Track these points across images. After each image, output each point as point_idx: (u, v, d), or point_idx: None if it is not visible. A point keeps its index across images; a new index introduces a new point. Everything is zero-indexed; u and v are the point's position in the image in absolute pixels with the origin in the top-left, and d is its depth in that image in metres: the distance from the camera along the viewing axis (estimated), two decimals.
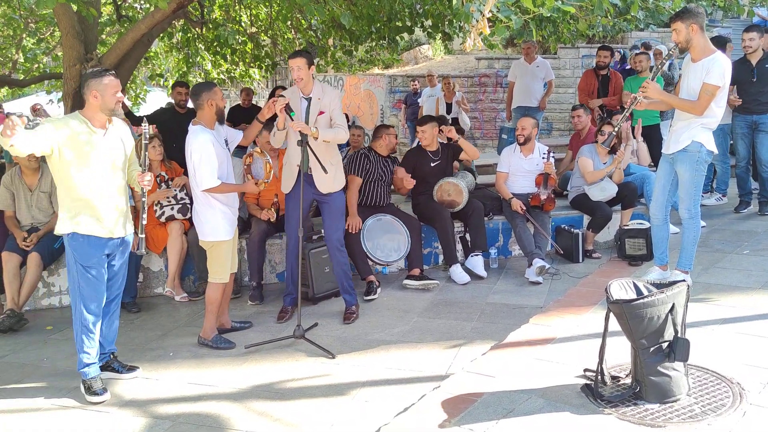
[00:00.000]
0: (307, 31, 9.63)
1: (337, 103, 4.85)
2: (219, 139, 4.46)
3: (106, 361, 4.12)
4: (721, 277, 5.15)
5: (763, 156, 6.91)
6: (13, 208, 5.44)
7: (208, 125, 4.42)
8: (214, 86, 4.49)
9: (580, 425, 3.08)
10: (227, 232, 4.49)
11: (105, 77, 3.79)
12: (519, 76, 9.28)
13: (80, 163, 3.73)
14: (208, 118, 4.42)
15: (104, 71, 3.85)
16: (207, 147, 4.30)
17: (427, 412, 3.33)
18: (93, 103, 3.79)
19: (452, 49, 20.08)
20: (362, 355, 4.27)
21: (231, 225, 4.52)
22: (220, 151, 4.41)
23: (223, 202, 4.47)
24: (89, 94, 3.77)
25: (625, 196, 6.28)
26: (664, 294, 3.18)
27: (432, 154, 6.13)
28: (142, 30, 6.57)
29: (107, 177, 3.84)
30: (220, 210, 4.45)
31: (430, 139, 6.07)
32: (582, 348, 3.95)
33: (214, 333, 4.61)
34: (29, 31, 9.80)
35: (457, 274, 5.70)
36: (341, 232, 5.03)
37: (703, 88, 4.53)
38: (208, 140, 4.32)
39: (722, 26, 15.51)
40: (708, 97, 4.52)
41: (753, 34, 6.74)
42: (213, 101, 4.39)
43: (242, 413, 3.57)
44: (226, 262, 4.55)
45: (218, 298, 4.57)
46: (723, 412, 3.08)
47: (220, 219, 4.45)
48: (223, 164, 4.43)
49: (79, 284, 3.84)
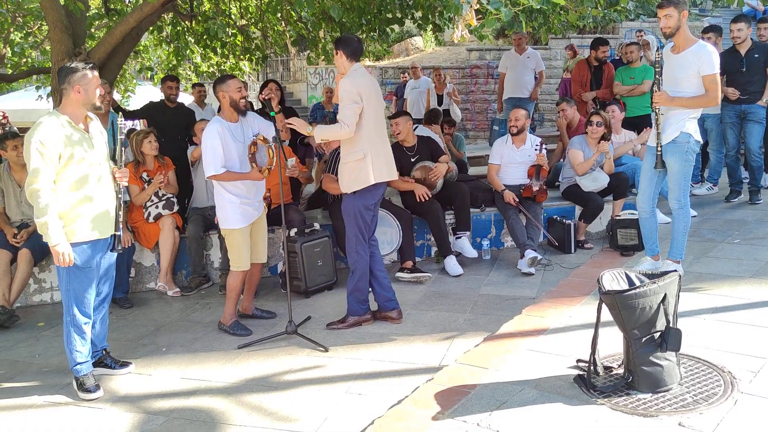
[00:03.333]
0: (297, 23, 9.58)
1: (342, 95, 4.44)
2: (236, 131, 4.53)
3: (99, 358, 4.11)
4: (712, 267, 5.18)
5: (752, 145, 6.95)
6: (2, 204, 5.40)
7: (227, 117, 4.54)
8: (229, 78, 4.57)
9: (573, 416, 3.09)
10: (237, 221, 4.54)
11: (89, 71, 3.72)
12: (510, 67, 9.28)
13: (72, 162, 3.67)
14: (225, 110, 4.54)
15: (86, 65, 3.76)
16: (211, 137, 4.41)
17: (421, 404, 3.34)
18: (75, 99, 3.71)
19: (443, 40, 20.06)
20: (356, 347, 4.27)
21: (243, 215, 4.56)
22: (231, 142, 4.47)
23: (233, 192, 4.52)
24: (71, 89, 3.69)
25: (617, 186, 6.29)
26: (655, 284, 3.19)
27: (408, 150, 6.06)
28: (131, 23, 6.51)
29: (98, 173, 3.81)
30: (229, 199, 4.53)
31: (405, 133, 6.00)
32: (574, 339, 3.97)
33: (233, 319, 4.71)
34: (16, 25, 9.70)
35: (451, 266, 5.70)
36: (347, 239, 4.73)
37: (704, 81, 4.58)
38: (215, 130, 4.43)
39: (712, 16, 15.54)
40: (715, 86, 4.58)
41: (741, 25, 6.78)
42: (225, 93, 4.48)
43: (236, 407, 3.57)
44: (240, 251, 4.60)
45: (237, 285, 4.67)
46: (714, 401, 3.10)
47: (229, 208, 4.53)
48: (235, 155, 4.50)
49: (70, 285, 3.79)
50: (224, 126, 4.48)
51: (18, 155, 5.31)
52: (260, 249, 4.82)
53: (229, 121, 4.52)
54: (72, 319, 3.82)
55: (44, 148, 3.56)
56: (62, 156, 3.62)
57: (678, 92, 4.69)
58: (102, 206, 3.83)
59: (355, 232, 4.52)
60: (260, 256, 4.83)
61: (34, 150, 3.56)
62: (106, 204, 3.85)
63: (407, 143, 6.08)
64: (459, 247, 5.96)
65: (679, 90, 4.68)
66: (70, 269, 3.74)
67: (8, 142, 5.36)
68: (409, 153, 6.05)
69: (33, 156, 3.56)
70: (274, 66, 23.27)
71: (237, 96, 4.48)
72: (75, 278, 3.78)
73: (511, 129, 6.24)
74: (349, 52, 4.43)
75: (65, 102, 3.74)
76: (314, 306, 5.14)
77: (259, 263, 4.85)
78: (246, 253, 4.63)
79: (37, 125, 3.62)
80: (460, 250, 5.94)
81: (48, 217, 3.58)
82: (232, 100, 4.48)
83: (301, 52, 20.47)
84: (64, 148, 3.62)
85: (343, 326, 4.62)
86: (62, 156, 3.62)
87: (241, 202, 4.54)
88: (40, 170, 3.56)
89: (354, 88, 4.30)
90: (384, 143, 4.57)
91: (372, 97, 4.43)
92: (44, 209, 3.57)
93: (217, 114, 4.63)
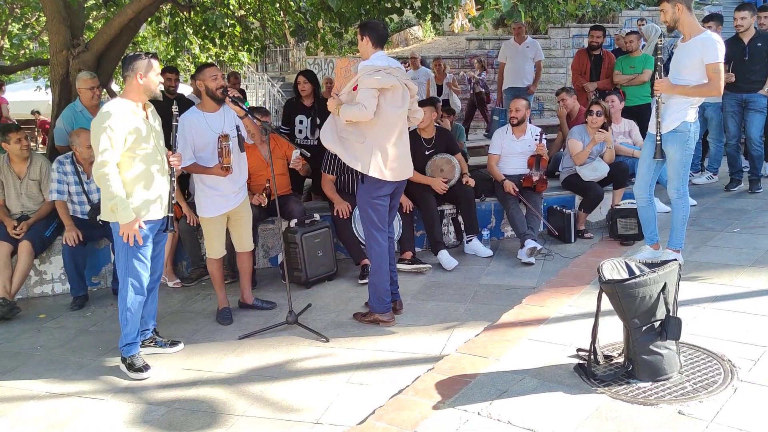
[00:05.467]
0: (296, 14, 9.54)
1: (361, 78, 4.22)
2: (213, 121, 4.51)
3: (150, 337, 4.27)
4: (712, 256, 5.18)
5: (753, 134, 6.94)
6: (2, 196, 5.40)
7: (205, 107, 4.55)
8: (206, 67, 4.57)
9: (574, 404, 3.10)
10: (209, 211, 4.63)
11: (151, 60, 3.88)
12: (509, 57, 9.25)
13: (137, 147, 3.82)
14: (204, 99, 4.55)
15: (147, 54, 3.93)
16: (182, 128, 4.43)
17: (422, 394, 3.36)
18: (136, 86, 3.86)
19: (442, 30, 20.01)
20: (356, 338, 4.28)
21: (214, 205, 4.61)
22: (203, 134, 4.49)
23: (207, 183, 4.58)
24: (134, 75, 3.84)
25: (617, 175, 6.29)
26: (655, 273, 3.19)
27: (426, 142, 6.01)
28: (129, 14, 6.49)
29: (157, 157, 3.97)
30: (202, 189, 4.61)
31: (428, 122, 5.92)
32: (575, 328, 3.98)
33: (223, 306, 4.81)
34: (14, 17, 9.68)
35: (445, 260, 5.67)
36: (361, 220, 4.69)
37: (707, 69, 4.57)
38: (186, 121, 4.47)
39: (713, 4, 15.47)
40: (717, 75, 4.56)
41: (744, 13, 6.76)
42: (201, 82, 4.50)
43: (237, 398, 3.58)
44: (212, 239, 4.72)
45: (214, 272, 4.78)
46: (714, 389, 3.11)
47: (202, 197, 4.63)
48: (209, 146, 4.51)
49: (129, 266, 3.91)
50: (199, 116, 4.50)
51: (21, 148, 5.33)
52: (243, 238, 4.85)
53: (207, 111, 4.53)
54: (127, 299, 3.94)
55: (113, 133, 3.71)
56: (127, 140, 3.77)
57: (680, 80, 4.68)
58: (158, 188, 3.99)
59: (370, 218, 4.42)
60: (244, 244, 4.86)
61: (103, 135, 3.71)
62: (161, 186, 4.01)
63: (426, 134, 6.03)
64: (472, 250, 5.93)
65: (682, 77, 4.67)
66: (130, 250, 3.87)
67: (11, 135, 5.35)
68: (426, 144, 6.01)
69: (102, 141, 3.71)
70: (273, 57, 23.21)
71: (213, 85, 4.46)
72: (134, 258, 3.90)
73: (511, 120, 6.22)
74: (376, 39, 4.31)
75: (128, 89, 3.92)
76: (314, 296, 5.14)
77: (246, 251, 4.88)
78: (218, 241, 4.72)
79: (104, 111, 3.78)
80: (474, 252, 5.92)
81: (119, 199, 3.74)
82: (208, 89, 4.47)
83: (300, 43, 20.42)
84: (128, 132, 3.77)
85: (364, 320, 4.54)
86: (127, 140, 3.77)
87: (213, 193, 4.58)
88: (110, 153, 3.71)
89: (371, 78, 4.14)
90: (398, 140, 4.35)
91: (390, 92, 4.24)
92: (114, 191, 3.73)
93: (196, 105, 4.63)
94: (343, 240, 5.66)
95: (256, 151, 5.50)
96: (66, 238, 5.14)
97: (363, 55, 4.40)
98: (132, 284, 3.93)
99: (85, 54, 6.52)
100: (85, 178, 5.27)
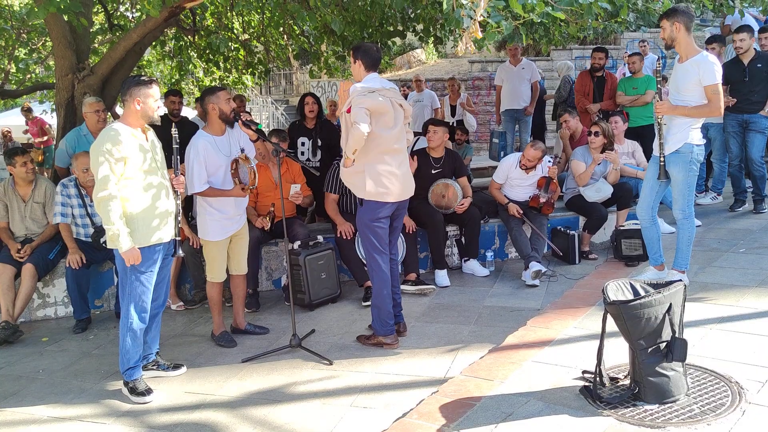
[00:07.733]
0: (300, 37, 9.63)
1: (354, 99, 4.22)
2: (222, 144, 4.50)
3: (153, 360, 4.24)
4: (717, 276, 5.16)
5: (753, 155, 6.95)
6: (6, 219, 5.42)
7: (213, 130, 4.52)
8: (219, 90, 4.53)
9: (580, 427, 3.07)
10: (215, 234, 4.57)
11: (148, 86, 3.87)
12: (506, 79, 9.30)
13: (137, 171, 3.82)
14: (213, 122, 4.51)
15: (148, 80, 3.93)
16: (196, 152, 4.40)
17: (426, 417, 3.32)
18: (134, 110, 3.86)
19: (445, 52, 20.14)
20: (360, 361, 4.25)
21: (222, 229, 4.57)
22: (215, 157, 4.44)
23: (215, 206, 4.53)
24: (131, 101, 3.84)
25: (621, 196, 6.29)
26: (660, 294, 3.17)
27: (434, 161, 6.03)
28: (134, 39, 6.55)
29: (160, 180, 3.97)
30: (210, 212, 4.55)
31: (439, 141, 5.96)
32: (580, 350, 3.95)
33: (221, 330, 4.75)
34: (21, 42, 9.77)
35: (440, 277, 5.71)
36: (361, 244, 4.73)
37: (706, 91, 4.59)
38: (200, 145, 4.41)
39: (713, 26, 15.57)
40: (717, 96, 4.58)
41: (743, 35, 6.80)
42: (215, 105, 4.45)
43: (240, 421, 3.55)
44: (215, 262, 4.65)
45: (214, 296, 4.71)
46: (722, 412, 3.08)
47: (209, 220, 4.56)
48: (221, 170, 4.47)
49: (132, 290, 3.90)
50: (208, 140, 4.45)
51: (27, 171, 5.37)
52: (240, 261, 4.80)
53: (215, 135, 4.49)
54: (130, 324, 3.91)
55: (111, 157, 3.72)
56: (127, 164, 3.77)
57: (680, 101, 4.70)
58: (162, 212, 3.96)
59: (370, 241, 4.40)
60: (240, 267, 4.81)
61: (102, 159, 3.72)
62: (166, 210, 3.99)
63: (435, 154, 6.05)
64: (470, 270, 5.99)
65: (682, 98, 4.69)
66: (133, 275, 3.86)
67: (17, 158, 5.38)
68: (434, 163, 6.03)
69: (101, 166, 3.72)
70: (277, 80, 23.37)
71: (227, 108, 4.45)
72: (137, 283, 3.89)
73: (523, 164, 6.14)
74: (368, 62, 4.32)
75: (126, 113, 3.92)
76: (318, 319, 5.12)
77: (241, 275, 4.84)
78: (221, 265, 4.67)
79: (103, 135, 3.78)
80: (472, 272, 5.96)
81: (119, 225, 3.73)
82: (222, 112, 4.44)
83: (304, 66, 20.56)
84: (128, 156, 3.78)
85: (368, 343, 4.51)
86: (127, 164, 3.77)
87: (221, 216, 4.54)
88: (109, 179, 3.73)
89: (363, 98, 4.15)
90: (394, 161, 4.34)
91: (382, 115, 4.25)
92: (113, 219, 3.72)
93: (204, 127, 4.60)
94: (346, 261, 5.65)
95: (267, 173, 5.52)
96: (69, 261, 5.15)
97: (356, 78, 4.42)
98: (134, 309, 3.91)
99: (90, 78, 6.58)
100: (88, 201, 5.29)
